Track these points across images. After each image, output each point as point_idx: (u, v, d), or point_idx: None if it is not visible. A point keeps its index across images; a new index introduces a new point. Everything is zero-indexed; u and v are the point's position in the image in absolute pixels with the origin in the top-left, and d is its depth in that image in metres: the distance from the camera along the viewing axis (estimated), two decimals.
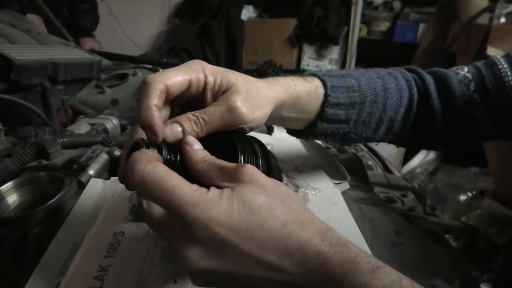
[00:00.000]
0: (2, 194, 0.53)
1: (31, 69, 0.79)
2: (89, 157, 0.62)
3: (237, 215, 0.25)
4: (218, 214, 0.25)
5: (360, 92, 0.46)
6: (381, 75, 0.50)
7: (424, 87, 0.50)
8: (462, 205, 1.76)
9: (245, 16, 2.47)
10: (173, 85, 0.32)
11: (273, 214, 0.26)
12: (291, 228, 0.26)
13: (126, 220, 0.43)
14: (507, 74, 0.46)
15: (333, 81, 0.45)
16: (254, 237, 0.25)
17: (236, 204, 0.25)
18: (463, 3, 1.72)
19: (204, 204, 0.25)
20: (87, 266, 0.36)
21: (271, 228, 0.25)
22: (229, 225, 0.25)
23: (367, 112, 0.47)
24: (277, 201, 0.27)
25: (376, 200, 0.55)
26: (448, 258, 0.52)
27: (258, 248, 0.25)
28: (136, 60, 1.28)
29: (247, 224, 0.25)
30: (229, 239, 0.25)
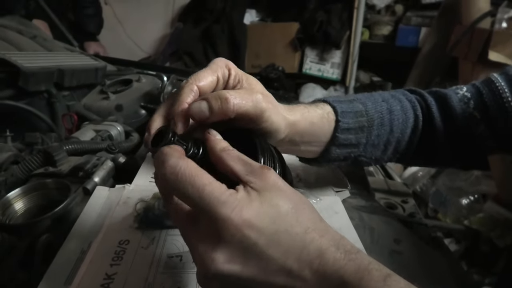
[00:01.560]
0: (9, 200, 0.54)
1: (37, 76, 0.80)
2: (95, 164, 0.63)
3: (267, 217, 0.25)
4: (249, 215, 0.25)
5: (368, 116, 0.48)
6: (386, 98, 0.52)
7: (427, 107, 0.52)
8: (464, 208, 1.76)
9: (247, 20, 2.49)
10: (204, 85, 0.34)
11: (298, 219, 0.26)
12: (312, 235, 0.26)
13: (131, 228, 0.45)
14: (505, 91, 0.48)
15: (342, 107, 0.47)
16: (281, 242, 0.25)
17: (265, 207, 0.26)
18: (465, 7, 1.72)
19: (235, 203, 0.25)
20: (93, 274, 0.37)
21: (296, 234, 0.26)
22: (259, 227, 0.25)
23: (375, 135, 0.49)
24: (299, 207, 0.27)
25: (376, 207, 0.56)
26: (447, 265, 0.52)
27: (282, 253, 0.25)
28: (140, 65, 1.30)
29: (276, 228, 0.25)
30: (258, 242, 0.25)
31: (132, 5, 2.74)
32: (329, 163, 0.50)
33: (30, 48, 0.92)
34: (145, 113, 0.99)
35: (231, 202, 0.25)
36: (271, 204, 0.26)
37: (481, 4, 1.68)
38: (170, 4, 2.75)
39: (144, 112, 0.99)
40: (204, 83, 0.34)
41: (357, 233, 0.47)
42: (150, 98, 1.00)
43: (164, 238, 0.43)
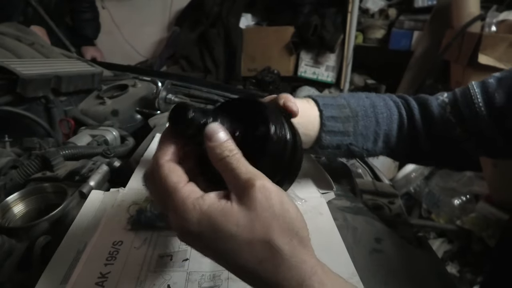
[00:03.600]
0: (8, 204, 0.56)
1: (35, 83, 0.83)
2: (90, 169, 0.65)
3: (210, 240, 0.27)
4: (190, 230, 0.28)
5: (351, 108, 0.52)
6: (369, 96, 0.56)
7: (410, 110, 0.56)
8: (457, 208, 1.79)
9: (243, 24, 2.51)
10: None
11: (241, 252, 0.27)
12: (266, 266, 0.27)
13: (125, 229, 0.47)
14: (477, 96, 0.51)
15: (324, 100, 0.51)
16: (230, 263, 0.28)
17: (227, 218, 0.27)
18: (456, 11, 1.76)
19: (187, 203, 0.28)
20: (88, 273, 0.40)
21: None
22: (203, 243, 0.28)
23: (362, 125, 0.53)
24: (257, 235, 0.27)
25: (360, 208, 0.58)
26: (428, 264, 0.55)
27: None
28: (136, 70, 1.32)
29: (222, 251, 0.28)
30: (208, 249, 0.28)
31: (130, 9, 2.77)
32: (325, 151, 0.53)
33: (28, 55, 0.95)
34: (141, 117, 1.01)
35: (176, 209, 0.28)
36: (220, 229, 0.27)
37: (471, 9, 1.71)
38: (167, 8, 2.78)
39: (140, 116, 1.01)
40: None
41: (340, 233, 0.49)
42: (145, 103, 1.02)
43: (155, 238, 0.46)
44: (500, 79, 0.52)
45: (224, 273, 0.41)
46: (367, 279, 0.43)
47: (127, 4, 2.78)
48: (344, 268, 0.43)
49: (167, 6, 2.78)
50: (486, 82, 0.53)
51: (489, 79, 0.53)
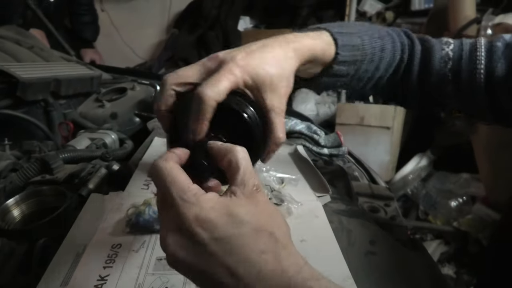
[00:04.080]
0: (8, 207, 0.57)
1: (35, 86, 0.83)
2: (89, 172, 0.66)
3: (224, 224, 0.28)
4: (205, 216, 0.27)
5: (362, 50, 0.50)
6: (382, 35, 0.53)
7: (411, 56, 0.54)
8: (454, 210, 1.81)
9: (241, 27, 2.53)
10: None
11: (256, 237, 0.28)
12: (267, 257, 0.27)
13: (123, 232, 0.48)
14: (481, 61, 0.50)
15: (343, 40, 0.48)
16: (232, 250, 0.27)
17: (228, 214, 0.28)
18: (452, 15, 1.77)
19: (195, 203, 0.28)
20: (88, 275, 0.40)
21: (253, 250, 0.27)
22: (212, 229, 0.27)
23: (363, 69, 0.52)
24: (263, 226, 0.29)
25: (355, 211, 0.59)
26: (422, 266, 0.56)
27: (234, 261, 0.27)
28: (135, 73, 1.33)
29: (229, 241, 0.27)
30: (206, 241, 0.27)
31: (128, 12, 2.78)
32: (315, 89, 0.54)
33: (27, 59, 0.95)
34: (139, 120, 1.02)
35: (192, 201, 0.28)
36: (235, 215, 0.28)
37: (468, 12, 1.73)
38: (166, 11, 2.79)
39: (138, 120, 1.02)
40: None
41: (335, 236, 0.50)
42: (144, 106, 1.03)
43: (154, 242, 0.47)
44: (508, 45, 0.51)
45: None
46: (361, 281, 0.44)
47: (126, 6, 2.79)
48: (338, 270, 0.44)
49: (166, 8, 2.79)
50: (495, 46, 0.51)
51: (498, 42, 0.51)
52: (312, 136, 0.88)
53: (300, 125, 0.90)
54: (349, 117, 2.06)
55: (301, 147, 0.80)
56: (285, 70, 0.40)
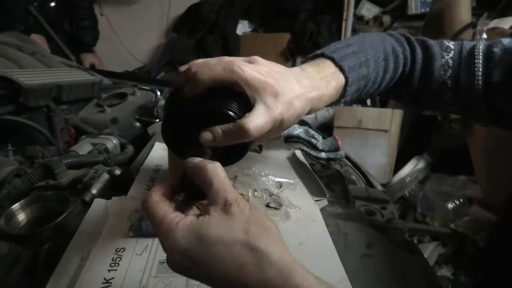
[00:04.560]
0: (13, 212, 0.59)
1: (37, 92, 0.85)
2: (92, 177, 0.67)
3: (193, 250, 0.30)
4: (175, 243, 0.30)
5: (367, 79, 0.52)
6: (387, 54, 0.54)
7: (412, 64, 0.56)
8: (451, 212, 1.82)
9: (240, 31, 2.55)
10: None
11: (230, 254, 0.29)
12: (248, 269, 0.29)
13: (127, 236, 0.49)
14: (479, 69, 0.52)
15: (353, 76, 0.49)
16: (214, 273, 0.29)
17: (200, 236, 0.30)
18: (448, 19, 1.80)
19: (167, 233, 0.31)
20: (93, 279, 0.42)
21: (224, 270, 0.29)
22: (189, 258, 0.30)
23: (365, 92, 0.55)
24: (237, 239, 0.29)
25: (352, 215, 0.61)
26: (417, 268, 0.57)
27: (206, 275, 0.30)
28: (135, 78, 1.34)
29: (205, 260, 0.30)
30: (184, 265, 0.31)
31: (127, 15, 2.80)
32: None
33: (29, 65, 0.97)
34: (140, 125, 1.04)
35: (165, 234, 0.31)
36: (204, 236, 0.30)
37: (463, 16, 1.76)
38: (165, 14, 2.81)
39: (139, 124, 1.04)
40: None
41: (331, 239, 0.52)
42: (144, 111, 1.05)
43: (156, 245, 0.48)
44: (505, 50, 0.52)
45: None
46: (357, 283, 0.45)
47: (125, 10, 2.80)
48: (334, 272, 0.45)
49: (165, 12, 2.81)
50: (492, 51, 0.53)
51: (496, 48, 0.53)
52: (310, 140, 0.90)
53: (298, 129, 0.91)
54: (347, 120, 2.08)
55: (299, 151, 0.82)
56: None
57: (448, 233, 1.76)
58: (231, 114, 0.39)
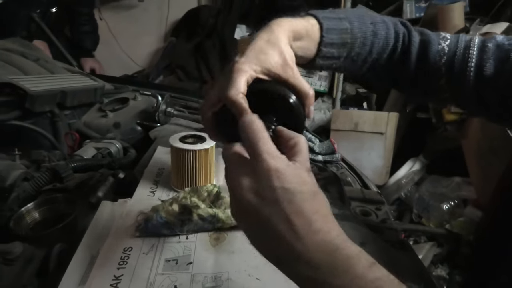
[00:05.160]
0: (23, 214, 0.61)
1: (42, 98, 0.87)
2: (98, 180, 0.70)
3: (294, 180, 0.32)
4: (284, 170, 0.32)
5: (352, 34, 0.54)
6: (375, 21, 0.56)
7: (408, 45, 0.58)
8: (446, 213, 1.85)
9: (238, 35, 2.58)
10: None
11: (313, 198, 0.33)
12: (318, 216, 0.32)
13: (134, 236, 0.52)
14: (472, 60, 0.54)
15: (328, 24, 0.51)
16: (294, 202, 0.31)
17: (298, 176, 0.33)
18: (442, 24, 1.84)
19: (278, 159, 0.33)
20: (103, 276, 0.44)
21: (309, 207, 0.32)
22: (285, 181, 0.32)
23: (355, 52, 0.55)
24: (317, 193, 0.34)
25: (347, 215, 0.64)
26: (409, 264, 0.60)
27: (293, 210, 0.31)
28: (135, 83, 1.37)
29: (296, 191, 0.32)
30: (277, 190, 0.32)
31: (127, 20, 2.83)
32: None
33: (34, 71, 0.99)
34: (141, 129, 1.06)
35: (277, 157, 0.33)
36: (302, 177, 0.33)
37: (456, 21, 1.80)
38: (163, 19, 2.84)
39: (140, 129, 1.06)
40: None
41: None
42: (145, 116, 1.07)
43: (162, 245, 0.51)
44: (498, 46, 0.54)
45: (224, 275, 0.46)
46: None
47: (124, 15, 2.83)
48: None
49: (164, 17, 2.84)
50: (486, 46, 0.55)
51: (489, 43, 0.55)
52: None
53: None
54: (343, 123, 2.12)
55: None
56: (282, 48, 0.44)
57: (443, 234, 1.79)
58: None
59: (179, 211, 0.54)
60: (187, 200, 0.55)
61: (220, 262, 0.48)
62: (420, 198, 1.94)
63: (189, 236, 0.53)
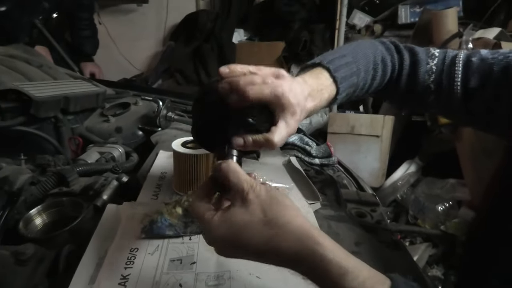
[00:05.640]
0: (31, 217, 0.64)
1: (47, 104, 0.90)
2: (102, 184, 0.72)
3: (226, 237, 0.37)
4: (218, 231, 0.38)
5: (358, 76, 0.58)
6: (376, 62, 0.61)
7: (400, 69, 0.63)
8: (441, 214, 1.88)
9: (236, 40, 2.61)
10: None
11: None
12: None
13: (139, 238, 0.54)
14: (458, 75, 0.58)
15: (340, 73, 0.56)
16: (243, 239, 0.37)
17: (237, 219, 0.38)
18: (436, 29, 1.87)
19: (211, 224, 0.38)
20: (111, 275, 0.47)
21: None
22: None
23: (360, 88, 0.60)
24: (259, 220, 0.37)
25: (343, 216, 0.67)
26: (402, 263, 0.63)
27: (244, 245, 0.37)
28: (135, 88, 1.40)
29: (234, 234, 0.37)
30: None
31: (125, 24, 2.85)
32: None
33: (38, 77, 1.02)
34: (142, 134, 1.09)
35: (205, 227, 0.39)
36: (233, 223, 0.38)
37: (450, 27, 1.83)
38: (162, 23, 2.87)
39: (141, 133, 1.09)
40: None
41: None
42: (146, 120, 1.10)
43: (166, 245, 0.53)
44: (482, 60, 0.58)
45: (226, 273, 0.48)
46: None
47: (123, 19, 2.86)
48: None
49: (162, 21, 2.87)
50: (471, 61, 0.59)
51: (474, 58, 0.59)
52: (304, 147, 0.96)
53: (293, 137, 0.97)
54: (340, 126, 2.15)
55: (294, 158, 0.87)
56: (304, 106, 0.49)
57: (438, 235, 1.81)
58: (262, 130, 0.47)
59: (182, 213, 0.56)
60: (190, 203, 0.57)
61: (222, 261, 0.50)
62: (415, 199, 1.97)
63: (192, 237, 0.56)
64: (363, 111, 2.38)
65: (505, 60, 0.55)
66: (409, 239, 1.89)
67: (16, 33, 1.30)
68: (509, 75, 0.53)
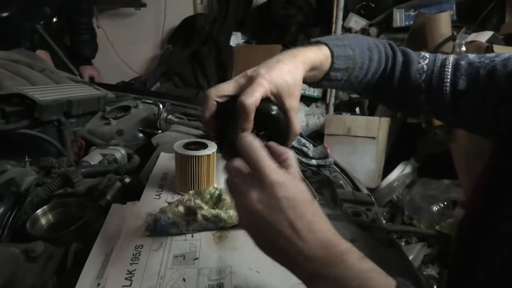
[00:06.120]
0: (38, 216, 0.66)
1: (50, 108, 0.92)
2: (106, 185, 0.75)
3: (294, 189, 0.37)
4: (285, 182, 0.37)
5: (354, 60, 0.61)
6: (370, 46, 0.64)
7: (393, 66, 0.66)
8: (436, 214, 1.91)
9: (233, 42, 2.64)
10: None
11: (310, 204, 0.38)
12: (316, 219, 0.38)
13: (144, 236, 0.57)
14: (448, 76, 0.61)
15: (338, 51, 0.58)
16: (296, 208, 0.37)
17: (296, 185, 0.38)
18: (429, 32, 1.91)
19: (279, 172, 0.38)
20: (118, 270, 0.49)
21: (309, 211, 0.38)
22: (287, 191, 0.37)
23: (354, 75, 0.63)
24: (311, 199, 0.39)
25: (338, 215, 0.69)
26: (396, 260, 0.66)
27: (295, 216, 0.37)
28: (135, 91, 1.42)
29: (297, 199, 0.37)
30: (282, 200, 0.36)
31: (124, 28, 2.88)
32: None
33: (41, 81, 1.04)
34: (143, 136, 1.11)
35: (277, 171, 0.38)
36: (299, 187, 0.39)
37: (443, 30, 1.87)
38: (160, 27, 2.90)
39: (142, 135, 1.11)
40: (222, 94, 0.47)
41: None
42: (147, 123, 1.12)
43: (170, 242, 0.56)
44: (470, 64, 0.61)
45: (228, 268, 0.51)
46: None
47: (121, 23, 2.89)
48: None
49: (160, 24, 2.89)
50: (459, 64, 0.62)
51: (462, 61, 0.62)
52: (302, 148, 0.98)
53: None
54: (337, 128, 2.18)
55: None
56: (297, 79, 0.50)
57: (433, 235, 1.84)
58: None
59: (185, 212, 0.59)
60: (192, 202, 0.60)
61: (223, 257, 0.53)
62: (411, 200, 2.00)
63: (195, 235, 0.58)
64: (359, 113, 2.41)
65: (491, 64, 0.58)
66: (404, 239, 1.92)
67: (18, 38, 1.32)
68: (495, 78, 0.57)
